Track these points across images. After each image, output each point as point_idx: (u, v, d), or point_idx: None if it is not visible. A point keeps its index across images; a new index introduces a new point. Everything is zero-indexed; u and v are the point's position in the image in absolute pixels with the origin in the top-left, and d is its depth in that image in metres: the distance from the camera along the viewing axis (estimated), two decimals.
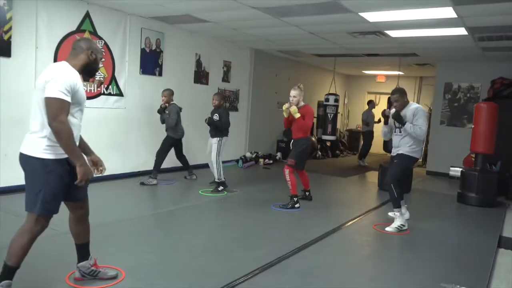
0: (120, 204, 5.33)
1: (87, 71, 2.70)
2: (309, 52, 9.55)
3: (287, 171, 5.44)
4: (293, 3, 5.17)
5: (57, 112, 2.34)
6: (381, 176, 7.34)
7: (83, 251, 2.86)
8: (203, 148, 6.81)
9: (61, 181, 2.49)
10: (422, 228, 4.85)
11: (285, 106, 5.46)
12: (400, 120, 4.69)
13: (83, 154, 2.62)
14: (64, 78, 2.41)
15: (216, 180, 6.14)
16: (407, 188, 5.42)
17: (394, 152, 4.91)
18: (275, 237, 4.26)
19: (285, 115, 5.52)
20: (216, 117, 6.11)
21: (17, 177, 5.20)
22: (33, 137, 2.45)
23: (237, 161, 8.97)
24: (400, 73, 11.11)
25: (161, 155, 6.44)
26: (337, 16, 5.65)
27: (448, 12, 5.10)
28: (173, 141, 6.50)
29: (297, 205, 5.40)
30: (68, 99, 2.40)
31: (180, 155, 6.77)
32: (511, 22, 5.40)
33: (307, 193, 5.94)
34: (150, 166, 7.12)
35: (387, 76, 13.28)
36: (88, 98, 6.03)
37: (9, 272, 2.46)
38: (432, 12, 5.15)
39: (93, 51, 2.64)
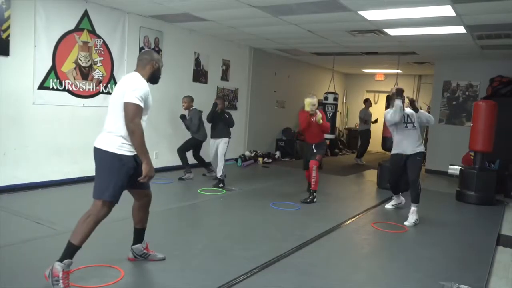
0: (119, 203, 5.31)
1: (153, 79, 3.06)
2: (308, 51, 9.55)
3: (314, 167, 5.66)
4: (292, 1, 5.17)
5: (134, 115, 2.74)
6: (380, 174, 7.34)
7: (139, 235, 3.25)
8: (204, 145, 6.85)
9: (128, 175, 2.85)
10: (421, 226, 4.86)
11: (307, 101, 5.65)
12: (414, 106, 5.04)
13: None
14: (141, 87, 2.83)
15: (219, 176, 6.30)
16: (406, 185, 5.46)
17: (409, 150, 5.09)
18: (274, 235, 4.26)
19: (307, 108, 5.66)
20: (227, 115, 6.46)
21: (17, 176, 5.25)
22: (110, 135, 2.84)
23: (236, 159, 8.97)
24: (399, 71, 11.11)
25: (182, 152, 6.76)
26: (336, 14, 5.65)
27: (447, 10, 5.10)
28: (196, 142, 6.84)
29: (315, 200, 5.69)
30: (142, 104, 2.81)
31: (197, 156, 7.01)
32: (510, 20, 5.41)
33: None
34: None
35: (386, 75, 13.28)
36: (87, 96, 6.06)
37: (73, 251, 2.75)
38: (431, 10, 5.15)
39: (156, 61, 3.03)
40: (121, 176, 2.83)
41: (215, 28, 7.35)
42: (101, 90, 6.25)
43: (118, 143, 2.82)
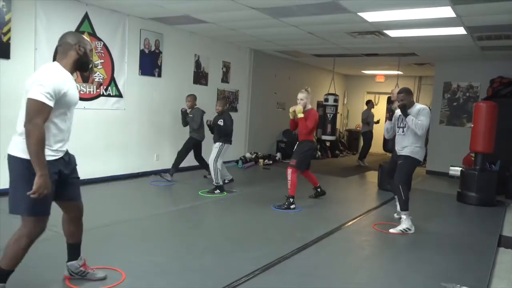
0: (120, 205, 5.33)
1: (80, 67, 2.64)
2: (308, 52, 9.55)
3: (289, 171, 5.48)
4: (292, 3, 5.17)
5: (34, 114, 2.28)
6: (381, 176, 7.34)
7: (73, 250, 2.87)
8: (205, 147, 6.83)
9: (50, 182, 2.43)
10: (422, 227, 4.85)
11: (291, 109, 5.56)
12: (404, 110, 4.66)
13: None
14: (50, 81, 2.35)
15: (214, 183, 6.13)
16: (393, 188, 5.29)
17: (398, 151, 4.87)
18: (275, 237, 4.26)
19: (291, 116, 5.61)
20: (221, 122, 6.15)
21: None
22: (20, 138, 2.40)
23: (237, 161, 8.97)
24: (399, 72, 11.11)
25: (182, 155, 6.67)
26: (336, 16, 5.66)
27: (447, 12, 5.11)
28: (195, 142, 6.75)
29: (292, 206, 5.35)
30: (50, 103, 2.34)
31: (199, 157, 6.97)
32: (510, 21, 5.41)
33: (318, 190, 6.07)
34: (150, 167, 7.16)
35: (386, 76, 13.29)
36: (87, 99, 6.06)
37: (4, 275, 2.48)
38: (431, 11, 5.15)
39: (80, 44, 2.57)
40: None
41: (215, 30, 7.36)
42: (101, 93, 6.26)
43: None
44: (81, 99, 5.97)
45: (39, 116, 2.29)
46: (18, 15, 5.12)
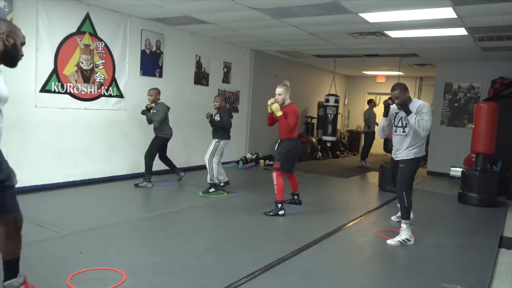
0: (120, 206, 5.32)
1: (6, 60, 2.32)
2: (309, 53, 9.56)
3: (274, 175, 5.15)
4: (292, 4, 5.18)
5: None
6: (382, 176, 7.34)
7: (10, 268, 2.49)
8: (203, 149, 6.80)
9: None
10: (423, 228, 4.84)
11: (270, 101, 5.09)
12: (406, 109, 4.21)
13: None
14: None
15: (208, 181, 6.05)
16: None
17: (396, 155, 4.52)
18: (276, 238, 4.26)
19: (269, 110, 5.15)
20: (217, 117, 6.09)
21: (18, 179, 5.24)
22: None
23: (237, 162, 8.97)
24: (400, 73, 11.11)
25: (150, 157, 6.25)
26: (337, 16, 5.66)
27: (448, 12, 5.10)
28: (162, 142, 6.31)
29: (281, 212, 5.03)
30: None
31: (164, 157, 6.54)
32: (511, 21, 5.41)
33: (295, 197, 5.65)
34: None
35: (387, 77, 13.28)
36: (88, 99, 6.07)
37: None
38: (432, 12, 5.15)
39: (9, 34, 2.28)
40: None
41: (216, 31, 7.37)
42: (102, 93, 6.26)
43: None
44: (82, 99, 5.98)
45: None
46: (20, 15, 5.12)
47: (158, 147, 6.31)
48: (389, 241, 4.30)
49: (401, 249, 4.26)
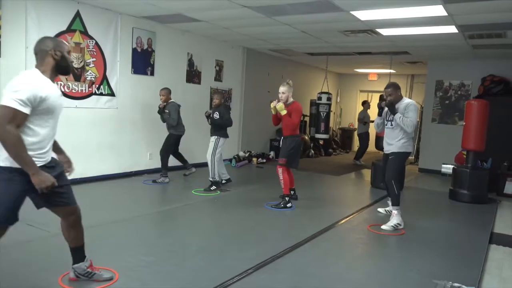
0: (113, 205, 5.30)
1: (61, 70, 2.59)
2: (301, 51, 9.56)
3: (280, 170, 5.41)
4: (284, 2, 5.17)
5: (6, 120, 2.24)
6: (374, 173, 7.38)
7: (78, 253, 2.86)
8: (198, 146, 6.80)
9: (18, 191, 2.40)
10: (414, 225, 4.88)
11: (272, 104, 5.40)
12: (392, 109, 4.74)
13: (55, 153, 2.64)
14: (25, 88, 2.32)
15: (210, 179, 6.12)
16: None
17: (386, 149, 4.94)
18: (269, 236, 4.27)
19: (273, 112, 5.46)
20: (216, 115, 6.11)
21: None
22: None
23: (230, 160, 8.96)
24: (392, 71, 11.17)
25: (165, 153, 6.53)
26: (329, 14, 5.66)
27: (439, 10, 5.13)
28: (176, 138, 6.57)
29: (289, 205, 5.36)
30: (25, 110, 2.30)
31: (176, 153, 6.79)
32: (501, 19, 5.45)
33: (292, 192, 5.77)
34: (143, 166, 7.15)
35: (379, 74, 13.34)
36: (79, 98, 6.03)
37: None
38: (423, 10, 5.18)
39: (55, 49, 2.51)
40: (10, 192, 2.37)
41: (208, 29, 7.34)
42: (93, 91, 6.22)
43: (4, 154, 2.33)
44: (73, 97, 5.93)
45: (12, 122, 2.26)
46: (8, 13, 5.07)
47: (172, 144, 6.57)
48: (383, 226, 4.69)
49: (393, 246, 4.29)
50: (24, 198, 2.48)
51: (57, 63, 2.52)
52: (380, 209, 5.50)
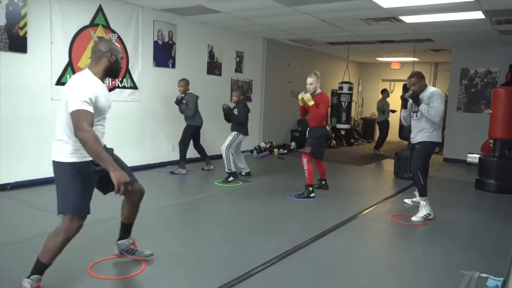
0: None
1: (111, 73, 2.76)
2: (321, 41, 9.46)
3: (305, 160, 5.40)
4: None
5: (81, 123, 2.40)
6: (397, 164, 7.28)
7: (126, 230, 3.08)
8: (217, 138, 6.84)
9: (88, 182, 2.61)
10: (440, 215, 4.80)
11: (300, 96, 5.42)
12: (416, 100, 4.60)
13: None
14: (86, 89, 2.49)
15: (226, 170, 6.14)
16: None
17: (413, 139, 4.84)
18: (292, 226, 4.28)
19: (300, 103, 5.49)
20: (235, 112, 6.18)
21: (39, 170, 5.32)
22: (59, 144, 2.59)
23: (251, 151, 8.98)
24: (415, 59, 10.92)
25: (183, 144, 6.56)
26: (350, 2, 5.58)
27: None
28: (193, 129, 6.60)
29: (312, 195, 5.37)
30: (91, 109, 2.47)
31: (197, 145, 6.82)
32: None
33: (323, 182, 5.92)
34: (165, 157, 7.23)
35: (402, 63, 13.10)
36: None
37: (41, 268, 2.57)
38: None
39: (112, 52, 2.68)
40: (78, 184, 2.55)
41: (228, 20, 7.34)
42: (117, 85, 6.32)
43: (69, 151, 2.54)
44: None
45: (85, 122, 2.42)
46: (34, 9, 5.17)
47: (190, 135, 6.60)
48: (413, 218, 4.61)
49: (417, 236, 4.24)
50: (93, 189, 2.67)
51: (110, 66, 2.69)
52: (406, 200, 5.43)
